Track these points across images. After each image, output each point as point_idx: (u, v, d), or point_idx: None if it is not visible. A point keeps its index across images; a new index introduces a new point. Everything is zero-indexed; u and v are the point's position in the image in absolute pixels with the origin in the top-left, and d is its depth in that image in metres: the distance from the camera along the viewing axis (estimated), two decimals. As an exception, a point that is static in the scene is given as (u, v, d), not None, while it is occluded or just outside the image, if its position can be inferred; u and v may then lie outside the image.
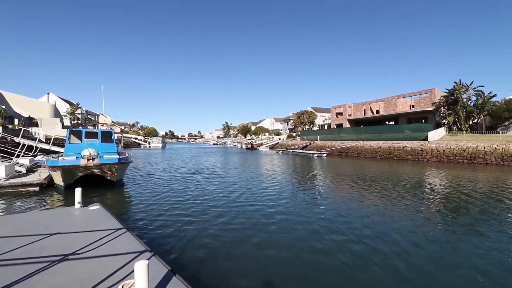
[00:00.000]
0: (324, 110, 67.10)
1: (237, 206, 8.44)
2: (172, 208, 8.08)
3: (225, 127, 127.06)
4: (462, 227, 6.60)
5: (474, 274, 4.26)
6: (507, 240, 5.69)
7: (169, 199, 9.24)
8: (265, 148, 54.61)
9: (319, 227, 6.39)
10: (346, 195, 10.36)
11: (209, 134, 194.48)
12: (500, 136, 23.25)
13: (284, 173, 17.10)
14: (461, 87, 28.50)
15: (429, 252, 5.09)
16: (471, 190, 11.01)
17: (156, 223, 6.67)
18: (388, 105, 40.99)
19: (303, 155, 35.29)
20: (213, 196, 9.89)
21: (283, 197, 9.87)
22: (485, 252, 5.07)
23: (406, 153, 26.89)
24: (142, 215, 7.39)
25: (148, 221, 6.79)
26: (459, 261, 4.77)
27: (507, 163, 20.08)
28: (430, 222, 6.94)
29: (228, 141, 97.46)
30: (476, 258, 4.82)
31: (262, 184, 12.76)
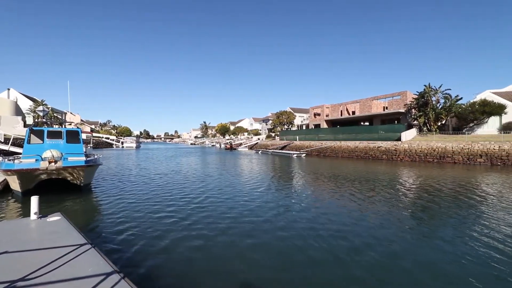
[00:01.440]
0: (303, 110, 68.10)
1: (218, 213, 7.84)
2: (146, 216, 7.24)
3: (203, 127, 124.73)
4: (429, 220, 7.10)
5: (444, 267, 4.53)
6: (469, 232, 6.17)
7: (143, 206, 8.36)
8: (244, 148, 54.14)
9: (300, 228, 6.11)
10: (325, 195, 10.45)
11: (186, 134, 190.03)
12: (466, 137, 24.77)
13: (264, 174, 16.74)
14: (431, 90, 30.08)
15: (395, 245, 5.45)
16: (439, 188, 11.49)
17: (128, 236, 5.82)
18: (363, 107, 42.35)
19: (282, 155, 35.28)
20: (192, 201, 9.15)
21: (263, 200, 9.45)
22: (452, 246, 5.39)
23: (381, 153, 27.78)
24: (111, 226, 6.50)
25: (118, 234, 5.93)
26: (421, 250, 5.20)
27: (473, 162, 21.36)
28: (398, 218, 7.34)
29: (207, 141, 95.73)
30: (444, 251, 5.14)
31: (243, 188, 12.23)
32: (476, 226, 6.47)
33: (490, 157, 20.70)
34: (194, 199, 9.45)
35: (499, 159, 20.24)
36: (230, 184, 12.96)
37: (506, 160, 19.88)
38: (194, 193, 10.51)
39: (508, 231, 6.09)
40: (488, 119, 26.54)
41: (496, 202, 8.99)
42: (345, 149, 32.01)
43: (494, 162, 20.33)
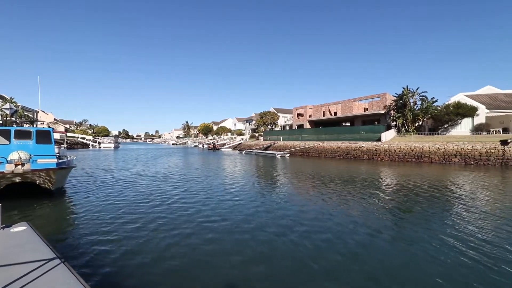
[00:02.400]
0: (286, 111, 68.50)
1: (200, 218, 7.39)
2: (124, 225, 6.60)
3: (185, 127, 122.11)
4: (401, 220, 7.30)
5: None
6: (441, 228, 6.53)
7: (121, 213, 7.70)
8: (228, 149, 53.50)
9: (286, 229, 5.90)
10: (306, 195, 10.57)
11: (168, 134, 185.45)
12: (441, 137, 25.88)
13: (248, 175, 16.43)
14: (409, 92, 31.21)
15: (359, 246, 5.54)
16: (416, 186, 11.94)
17: (103, 249, 5.19)
18: (345, 108, 43.21)
19: (266, 155, 35.12)
20: (173, 206, 8.61)
21: (246, 200, 9.14)
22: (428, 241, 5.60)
23: (362, 152, 28.37)
24: (85, 237, 5.83)
25: (93, 246, 5.30)
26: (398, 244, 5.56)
27: (448, 161, 22.29)
28: (378, 215, 7.67)
29: (189, 141, 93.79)
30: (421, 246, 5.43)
31: (226, 190, 11.83)
32: (446, 225, 6.62)
33: (464, 156, 21.70)
34: (176, 203, 8.92)
35: (472, 159, 21.25)
36: (213, 185, 12.52)
37: (478, 160, 20.92)
38: (176, 197, 9.95)
39: (476, 231, 6.20)
40: (462, 121, 27.93)
41: (468, 201, 9.24)
42: (328, 149, 32.42)
43: (468, 162, 21.32)
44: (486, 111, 27.40)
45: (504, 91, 31.48)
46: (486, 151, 20.91)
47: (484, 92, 32.32)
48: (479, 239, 5.64)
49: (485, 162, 20.57)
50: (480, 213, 7.60)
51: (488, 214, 7.53)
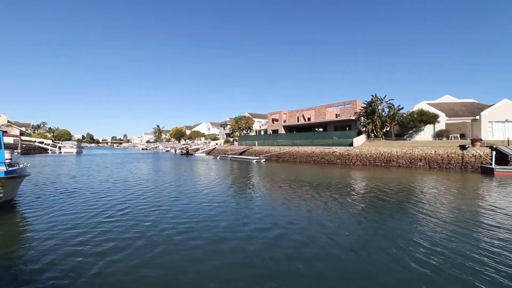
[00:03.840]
0: (261, 116, 68.76)
1: (168, 229, 6.68)
2: (84, 245, 5.62)
3: (156, 131, 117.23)
4: (375, 217, 7.75)
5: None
6: (408, 227, 7.02)
7: (80, 229, 6.68)
8: (202, 154, 52.03)
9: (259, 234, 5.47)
10: (282, 199, 10.49)
11: (137, 138, 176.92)
12: (407, 143, 27.41)
13: (224, 181, 15.80)
14: (377, 100, 32.80)
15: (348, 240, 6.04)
16: (386, 189, 12.40)
17: (56, 279, 4.25)
18: (318, 113, 44.31)
19: (242, 160, 34.56)
20: (140, 220, 7.73)
21: (221, 208, 8.57)
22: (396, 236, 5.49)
23: (335, 157, 29.06)
24: (35, 262, 4.81)
25: (42, 275, 4.33)
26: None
27: (414, 165, 23.56)
28: (351, 217, 7.99)
29: (160, 146, 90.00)
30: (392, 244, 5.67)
31: (200, 196, 11.11)
32: (409, 228, 6.90)
33: (428, 161, 23.08)
34: (144, 217, 8.03)
35: (435, 163, 22.67)
36: (186, 193, 11.71)
37: (441, 163, 22.36)
38: (143, 211, 9.00)
39: (437, 233, 6.47)
40: (425, 127, 29.92)
41: (431, 203, 9.68)
42: (303, 154, 32.79)
43: (432, 165, 22.69)
44: (446, 118, 29.67)
45: (460, 100, 34.49)
46: (447, 156, 22.44)
47: (443, 101, 35.13)
48: (438, 242, 5.83)
49: (447, 165, 22.04)
50: (441, 216, 7.89)
51: (448, 217, 7.86)
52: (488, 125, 26.66)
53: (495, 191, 12.30)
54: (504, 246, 5.60)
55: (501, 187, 13.16)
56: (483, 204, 9.59)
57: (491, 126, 26.63)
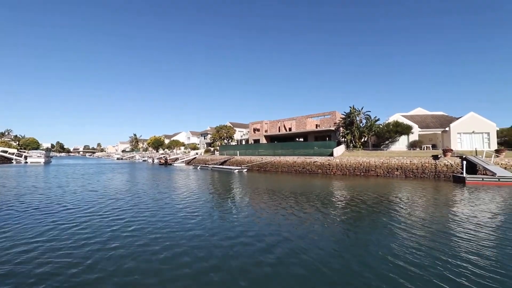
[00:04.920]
0: (242, 125, 68.68)
1: (140, 246, 6.08)
2: (46, 276, 4.91)
3: (133, 140, 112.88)
4: (354, 226, 8.08)
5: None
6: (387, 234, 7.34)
7: (42, 251, 5.88)
8: (181, 164, 50.51)
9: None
10: (264, 210, 10.22)
11: (112, 147, 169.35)
12: (384, 153, 28.40)
13: (204, 192, 15.17)
14: (355, 111, 33.97)
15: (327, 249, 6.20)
16: (364, 198, 12.70)
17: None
18: (299, 124, 45.02)
19: (223, 170, 33.88)
20: (104, 235, 7.05)
21: (200, 220, 8.06)
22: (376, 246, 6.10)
23: (317, 167, 29.36)
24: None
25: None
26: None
27: (391, 174, 24.34)
28: (330, 228, 7.98)
29: (137, 156, 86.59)
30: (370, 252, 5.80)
31: (177, 209, 10.47)
32: (385, 236, 7.10)
33: (404, 170, 23.96)
34: (109, 232, 7.32)
35: (411, 172, 23.56)
36: (162, 205, 11.00)
37: (416, 173, 23.28)
38: (111, 225, 8.26)
39: (412, 239, 6.78)
40: (400, 138, 31.31)
41: (409, 212, 9.98)
42: (284, 164, 32.83)
43: (408, 175, 23.56)
44: (418, 130, 31.28)
45: (431, 112, 36.71)
46: (422, 165, 23.44)
47: (416, 113, 37.19)
48: (414, 248, 6.14)
49: (422, 175, 22.98)
50: (419, 226, 8.07)
51: (424, 225, 8.13)
52: (457, 136, 28.41)
53: (469, 199, 12.84)
54: (476, 252, 5.77)
55: (473, 195, 13.80)
56: (460, 213, 9.90)
57: (460, 137, 28.41)
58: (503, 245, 6.38)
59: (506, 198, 13.01)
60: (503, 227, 7.90)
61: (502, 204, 11.53)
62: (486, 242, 6.57)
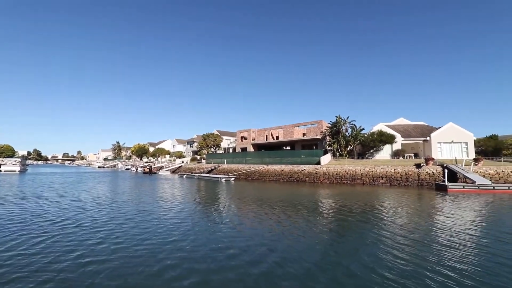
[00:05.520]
0: (230, 133, 68.32)
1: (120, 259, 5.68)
2: None
3: (115, 147, 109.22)
4: (341, 234, 8.10)
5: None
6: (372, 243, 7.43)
7: (8, 267, 5.34)
8: (166, 172, 49.24)
9: None
10: (251, 220, 10.09)
11: (93, 155, 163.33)
12: (370, 161, 28.96)
13: (190, 202, 14.73)
14: (341, 121, 34.64)
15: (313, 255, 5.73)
16: (351, 206, 12.81)
17: None
18: (286, 132, 45.33)
19: (210, 179, 33.26)
20: (84, 253, 6.56)
21: (185, 232, 7.72)
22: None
23: (304, 175, 29.44)
24: None
25: None
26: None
27: (376, 182, 24.77)
28: (317, 237, 7.98)
29: (119, 164, 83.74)
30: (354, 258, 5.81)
31: (161, 221, 10.03)
32: (369, 245, 7.15)
33: (389, 178, 24.46)
34: (89, 244, 6.82)
35: (395, 180, 24.09)
36: (145, 217, 10.50)
37: (400, 181, 23.82)
38: (88, 244, 7.74)
39: (394, 249, 6.85)
40: (384, 147, 32.10)
41: (394, 220, 10.17)
42: (272, 172, 32.72)
43: (392, 183, 24.05)
44: (401, 139, 32.25)
45: (413, 122, 38.06)
46: (405, 173, 24.04)
47: (398, 123, 38.43)
48: (400, 258, 6.19)
49: (405, 183, 23.54)
50: (403, 233, 8.26)
51: (409, 234, 8.24)
52: (437, 146, 29.51)
53: (452, 207, 13.16)
54: (460, 261, 5.86)
55: (455, 203, 14.18)
56: (445, 221, 10.11)
57: (440, 146, 29.53)
58: (484, 252, 6.53)
59: (486, 205, 13.48)
60: (484, 235, 8.11)
61: (482, 212, 11.91)
62: (469, 249, 6.72)
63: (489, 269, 5.47)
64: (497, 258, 6.09)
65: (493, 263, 5.84)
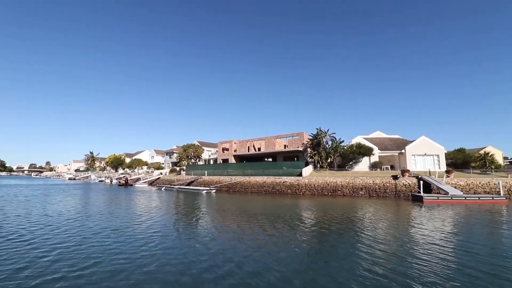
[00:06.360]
0: (211, 144, 67.37)
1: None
2: None
3: (89, 158, 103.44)
4: (319, 244, 8.21)
5: None
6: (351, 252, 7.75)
7: None
8: (143, 184, 47.13)
9: None
10: (232, 233, 9.94)
11: (63, 167, 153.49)
12: (349, 173, 29.59)
13: (167, 215, 13.99)
14: (322, 133, 35.41)
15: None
16: (331, 218, 12.98)
17: None
18: (268, 144, 45.48)
19: (190, 191, 32.18)
20: (42, 272, 5.86)
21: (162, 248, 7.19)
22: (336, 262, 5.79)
23: (286, 187, 29.39)
24: None
25: None
26: None
27: (356, 194, 25.22)
28: (296, 250, 7.93)
29: (92, 176, 79.25)
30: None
31: (133, 238, 9.35)
32: (348, 259, 7.19)
33: (368, 190, 25.03)
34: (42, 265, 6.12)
35: (374, 191, 24.68)
36: (117, 233, 9.76)
37: (379, 192, 24.43)
38: (48, 261, 6.99)
39: (375, 260, 7.01)
40: (362, 159, 33.07)
41: (373, 232, 10.34)
42: (254, 184, 32.36)
43: (371, 194, 24.61)
44: (378, 152, 33.45)
45: (389, 136, 39.75)
46: (383, 185, 24.74)
47: (375, 136, 39.99)
48: (379, 271, 6.26)
49: (384, 194, 24.18)
50: (382, 245, 8.45)
51: (388, 245, 8.46)
52: (411, 158, 30.87)
53: (428, 218, 13.57)
54: (437, 272, 5.94)
55: (431, 213, 14.68)
56: (423, 232, 10.36)
57: (414, 158, 30.92)
58: (456, 265, 6.67)
59: (459, 216, 14.07)
60: (457, 247, 8.33)
61: (456, 223, 12.39)
62: (442, 262, 6.86)
63: (461, 282, 5.60)
64: (470, 271, 6.20)
65: (465, 275, 5.96)
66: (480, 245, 8.44)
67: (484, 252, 7.61)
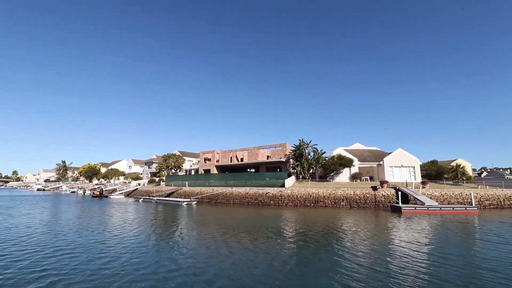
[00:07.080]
0: (192, 154, 66.03)
1: None
2: None
3: (60, 167, 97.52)
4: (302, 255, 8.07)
5: None
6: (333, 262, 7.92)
7: None
8: (120, 196, 44.84)
9: None
10: (211, 248, 9.59)
11: (32, 176, 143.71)
12: (331, 184, 29.96)
13: (142, 229, 13.22)
14: (304, 144, 35.88)
15: None
16: (313, 230, 12.99)
17: None
18: (251, 154, 45.28)
19: (170, 203, 30.95)
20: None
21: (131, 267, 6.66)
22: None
23: (269, 198, 29.12)
24: None
25: None
26: None
27: (338, 205, 25.44)
28: (277, 264, 7.71)
29: (64, 186, 74.61)
30: None
31: (105, 254, 8.66)
32: (329, 271, 7.22)
33: (349, 200, 25.36)
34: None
35: (355, 202, 25.03)
36: (86, 247, 9.01)
37: (359, 203, 24.82)
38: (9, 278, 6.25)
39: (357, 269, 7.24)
40: (343, 170, 33.74)
41: (354, 241, 10.56)
42: (237, 195, 31.80)
43: (352, 205, 24.93)
44: (358, 163, 34.33)
45: (368, 147, 41.10)
46: (363, 196, 25.20)
47: (355, 147, 41.19)
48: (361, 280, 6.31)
49: (364, 205, 24.58)
50: (363, 255, 8.62)
51: (368, 255, 8.60)
52: (389, 169, 31.93)
53: (406, 228, 13.85)
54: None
55: (409, 224, 15.02)
56: (401, 243, 10.51)
57: (392, 170, 31.99)
58: (432, 277, 6.72)
59: (435, 226, 14.52)
60: (434, 257, 8.49)
61: (432, 233, 12.75)
62: (419, 273, 6.95)
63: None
64: (444, 284, 6.25)
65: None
66: (455, 255, 8.64)
67: (458, 264, 7.77)
